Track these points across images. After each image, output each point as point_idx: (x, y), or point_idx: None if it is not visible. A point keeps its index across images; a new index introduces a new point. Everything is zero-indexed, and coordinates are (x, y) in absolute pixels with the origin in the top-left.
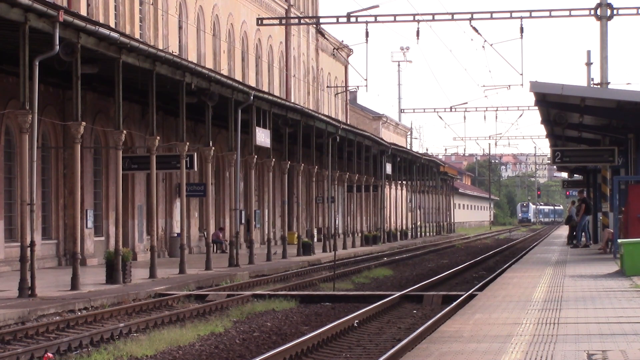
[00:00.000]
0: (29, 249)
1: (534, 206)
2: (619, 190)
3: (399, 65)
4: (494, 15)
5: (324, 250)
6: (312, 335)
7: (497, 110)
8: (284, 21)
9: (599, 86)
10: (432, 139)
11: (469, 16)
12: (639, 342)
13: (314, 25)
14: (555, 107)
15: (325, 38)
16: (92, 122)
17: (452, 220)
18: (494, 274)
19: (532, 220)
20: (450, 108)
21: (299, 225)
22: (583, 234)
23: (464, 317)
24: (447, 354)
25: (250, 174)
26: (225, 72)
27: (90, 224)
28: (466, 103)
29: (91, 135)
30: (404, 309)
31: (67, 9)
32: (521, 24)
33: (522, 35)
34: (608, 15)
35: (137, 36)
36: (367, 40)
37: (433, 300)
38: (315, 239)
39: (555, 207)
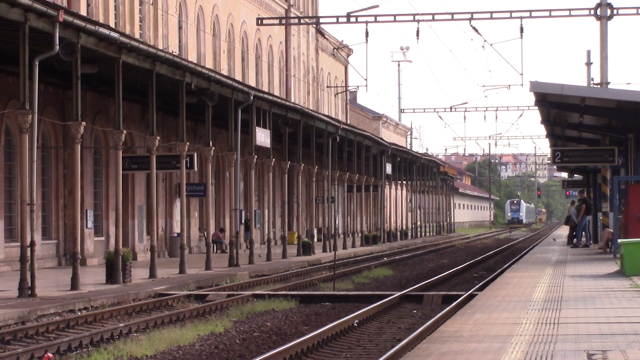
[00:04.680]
0: (29, 249)
1: (527, 204)
2: (619, 190)
3: (399, 65)
4: (494, 15)
5: (324, 250)
6: (312, 335)
7: (497, 110)
8: (283, 21)
9: (599, 86)
10: (432, 139)
11: (468, 16)
12: (639, 342)
13: (314, 25)
14: (555, 107)
15: (325, 38)
16: (92, 122)
17: (452, 220)
18: (494, 274)
19: (524, 221)
20: (450, 108)
21: (299, 225)
22: (583, 233)
23: (464, 317)
24: (447, 354)
25: (250, 174)
26: (225, 72)
27: (90, 224)
28: (466, 103)
29: (91, 135)
30: (404, 309)
31: (67, 9)
32: (521, 24)
33: (522, 35)
34: (608, 15)
35: (137, 36)
36: (367, 40)
37: (433, 300)
38: (315, 239)
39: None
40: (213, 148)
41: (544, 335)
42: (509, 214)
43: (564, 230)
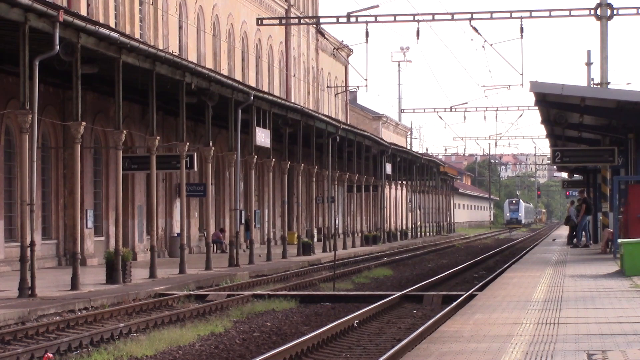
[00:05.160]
0: (29, 249)
1: (526, 204)
2: (619, 190)
3: (399, 65)
4: (494, 15)
5: (324, 250)
6: (312, 335)
7: (497, 110)
8: (284, 21)
9: (599, 86)
10: (432, 139)
11: (469, 16)
12: (639, 342)
13: (314, 25)
14: (555, 107)
15: (325, 38)
16: (92, 122)
17: (452, 220)
18: (494, 274)
19: (523, 221)
20: (450, 108)
21: (299, 225)
22: (583, 233)
23: (464, 317)
24: (447, 354)
25: (250, 174)
26: (225, 72)
27: (90, 224)
28: (466, 103)
29: (91, 135)
30: (404, 309)
31: (67, 9)
32: (521, 24)
33: (522, 35)
34: (608, 15)
35: (137, 36)
36: (367, 40)
37: (433, 300)
38: (315, 239)
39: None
40: (213, 148)
41: (544, 335)
42: (508, 214)
43: (564, 230)
